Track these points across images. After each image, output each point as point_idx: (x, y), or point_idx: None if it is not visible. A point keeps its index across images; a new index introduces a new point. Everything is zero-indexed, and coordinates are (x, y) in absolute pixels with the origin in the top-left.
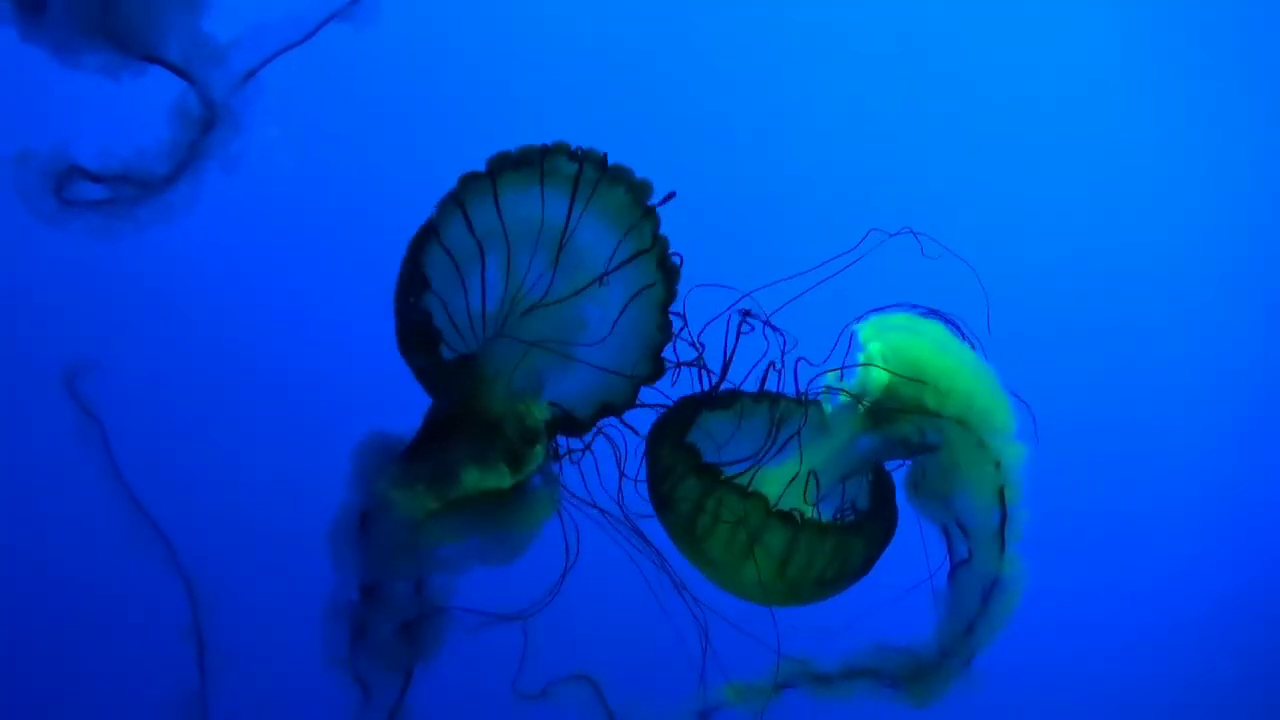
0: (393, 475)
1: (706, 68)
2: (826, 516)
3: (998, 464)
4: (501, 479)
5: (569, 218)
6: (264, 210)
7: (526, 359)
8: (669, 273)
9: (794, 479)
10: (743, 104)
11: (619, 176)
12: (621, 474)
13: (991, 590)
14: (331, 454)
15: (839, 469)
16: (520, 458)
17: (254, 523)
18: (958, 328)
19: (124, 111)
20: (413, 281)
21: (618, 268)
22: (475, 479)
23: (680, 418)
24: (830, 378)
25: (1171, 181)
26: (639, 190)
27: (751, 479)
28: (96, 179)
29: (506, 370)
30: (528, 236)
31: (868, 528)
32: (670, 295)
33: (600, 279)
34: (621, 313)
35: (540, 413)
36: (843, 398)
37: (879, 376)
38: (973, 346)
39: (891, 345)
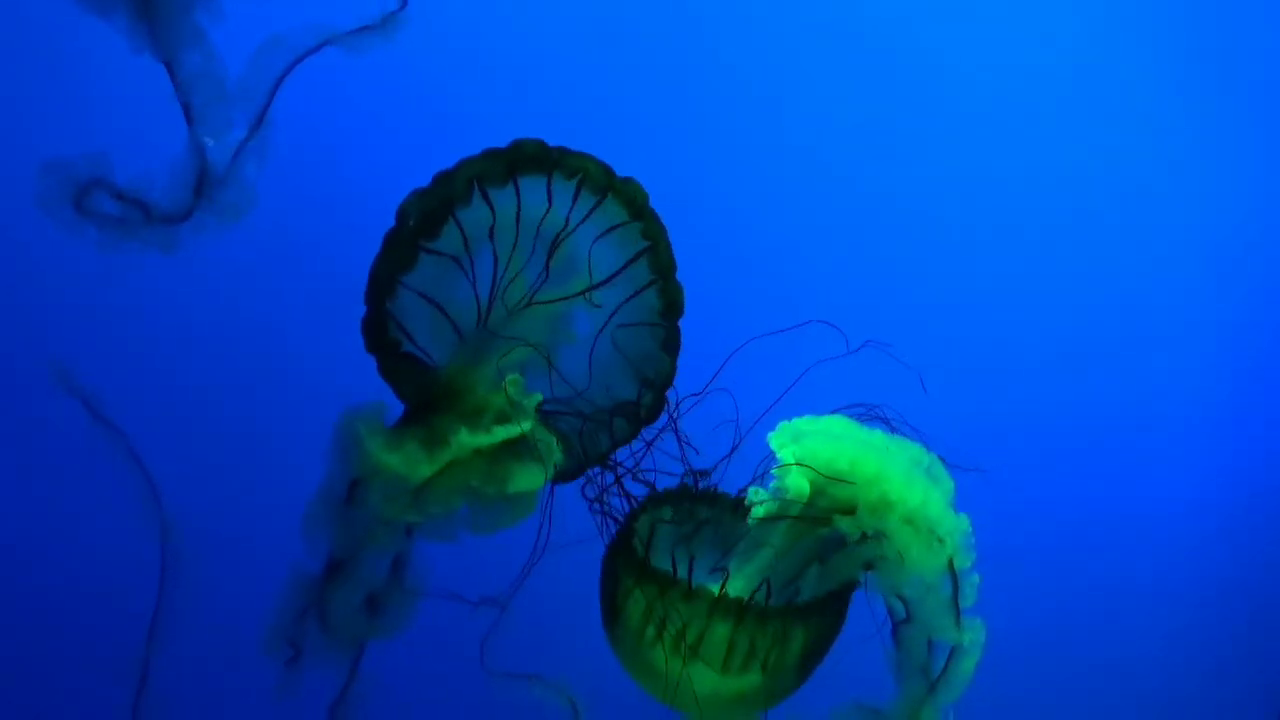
0: (384, 439)
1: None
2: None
3: (941, 541)
4: (491, 437)
5: (568, 223)
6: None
7: (509, 355)
8: (672, 302)
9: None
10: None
11: (624, 193)
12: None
13: (951, 655)
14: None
15: (778, 574)
16: (509, 421)
17: (242, 488)
18: (880, 417)
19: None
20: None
21: (607, 280)
22: (466, 439)
23: (635, 530)
24: (753, 492)
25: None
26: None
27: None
28: (119, 197)
29: (490, 361)
30: (528, 232)
31: (814, 618)
32: (671, 326)
33: (588, 293)
34: (604, 329)
35: (522, 395)
36: (768, 509)
37: (801, 483)
38: (895, 430)
39: (806, 450)
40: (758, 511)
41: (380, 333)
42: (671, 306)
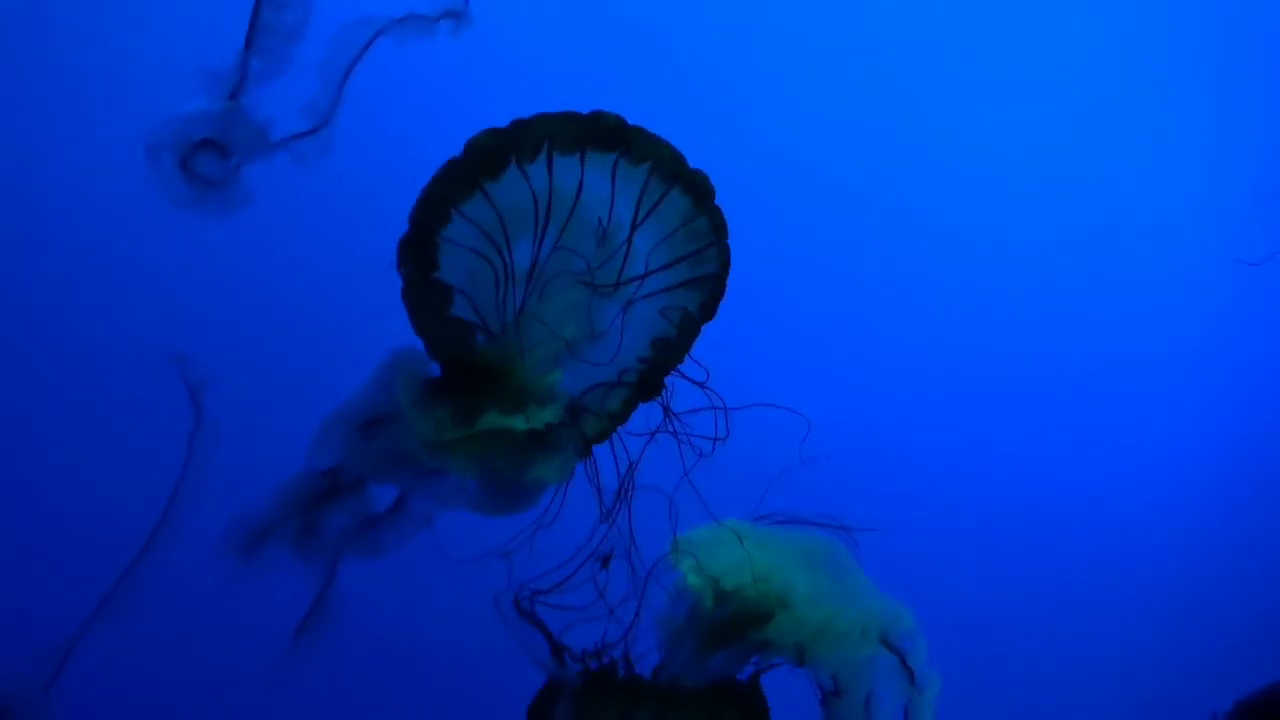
0: (419, 393)
1: None
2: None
3: (864, 632)
4: (516, 422)
5: (612, 208)
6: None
7: (547, 336)
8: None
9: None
10: None
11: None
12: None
13: (909, 710)
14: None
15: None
16: (538, 409)
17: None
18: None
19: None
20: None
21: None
22: (493, 420)
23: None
24: (660, 620)
25: None
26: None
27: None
28: (226, 157)
29: (528, 342)
30: (573, 212)
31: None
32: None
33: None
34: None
35: (555, 383)
36: (676, 624)
37: (706, 597)
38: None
39: (708, 563)
40: (668, 627)
41: (425, 253)
42: (707, 306)
